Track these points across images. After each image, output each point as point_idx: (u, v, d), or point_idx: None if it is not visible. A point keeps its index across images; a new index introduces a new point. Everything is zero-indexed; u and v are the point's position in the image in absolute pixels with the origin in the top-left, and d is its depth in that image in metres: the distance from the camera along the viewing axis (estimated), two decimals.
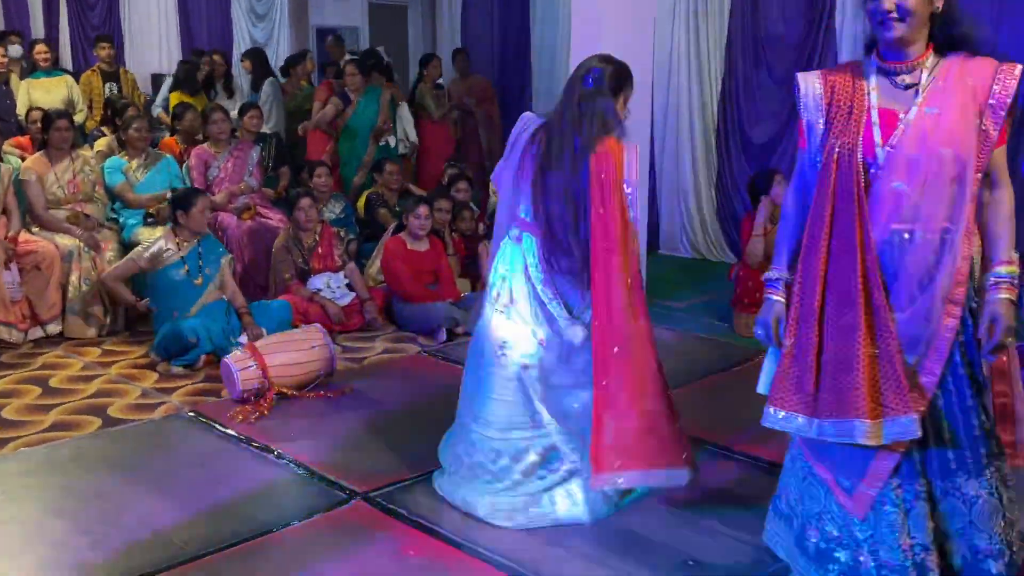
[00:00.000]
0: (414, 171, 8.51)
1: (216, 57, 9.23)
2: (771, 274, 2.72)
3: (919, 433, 2.47)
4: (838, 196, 2.51)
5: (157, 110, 8.86)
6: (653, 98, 6.87)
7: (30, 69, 8.49)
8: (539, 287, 3.39)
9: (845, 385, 2.48)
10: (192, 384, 4.94)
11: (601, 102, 3.28)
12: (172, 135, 7.41)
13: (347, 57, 9.28)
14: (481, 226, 6.93)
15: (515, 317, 3.42)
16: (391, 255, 6.06)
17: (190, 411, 4.49)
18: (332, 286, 5.94)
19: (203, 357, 5.09)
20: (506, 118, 9.06)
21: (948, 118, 2.45)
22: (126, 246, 6.09)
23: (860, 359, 2.47)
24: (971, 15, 2.56)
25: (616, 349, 3.24)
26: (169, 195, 5.87)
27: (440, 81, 9.07)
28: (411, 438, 4.14)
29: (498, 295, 3.47)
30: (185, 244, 5.38)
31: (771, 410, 2.60)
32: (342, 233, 6.25)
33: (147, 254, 5.34)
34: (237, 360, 4.56)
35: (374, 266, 6.45)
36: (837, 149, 2.53)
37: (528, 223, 3.41)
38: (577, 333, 3.37)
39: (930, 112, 2.47)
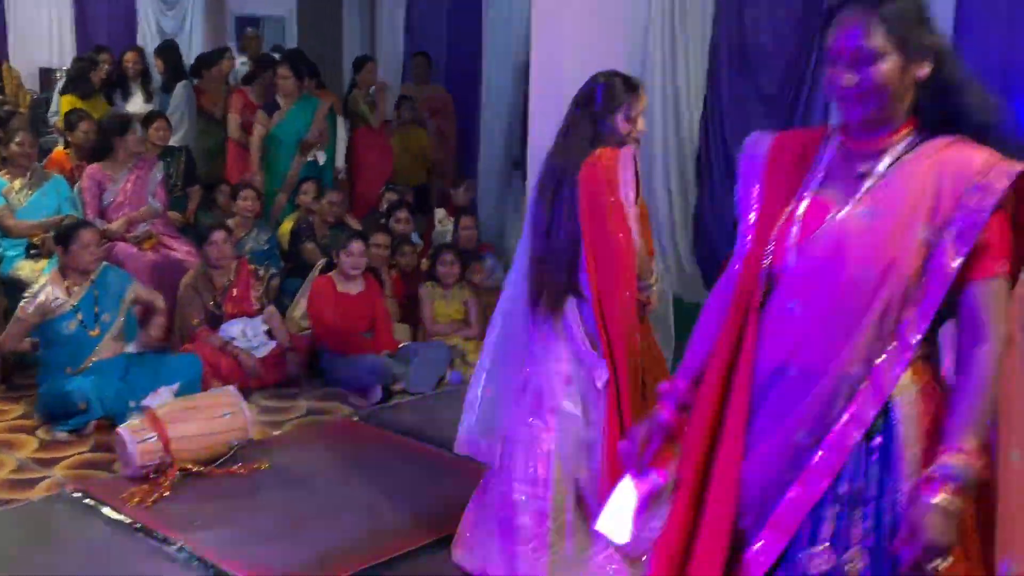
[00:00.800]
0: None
1: (130, 54, 9.05)
2: (665, 386, 2.37)
3: None
4: (736, 307, 2.18)
5: (54, 117, 8.68)
6: None
7: None
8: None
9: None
10: (79, 454, 4.81)
11: (590, 118, 3.46)
12: (66, 147, 7.27)
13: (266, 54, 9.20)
14: (424, 261, 6.88)
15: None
16: (319, 298, 5.98)
17: (76, 491, 4.36)
18: (248, 334, 5.85)
19: (93, 423, 4.97)
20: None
21: (882, 226, 2.01)
22: (3, 282, 5.94)
23: (670, 527, 2.17)
24: (978, 83, 2.10)
25: None
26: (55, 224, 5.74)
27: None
28: (339, 526, 4.07)
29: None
30: (76, 288, 5.25)
31: None
32: (261, 271, 6.15)
33: (31, 308, 5.18)
34: (134, 431, 4.45)
35: (298, 310, 6.36)
36: (749, 244, 2.19)
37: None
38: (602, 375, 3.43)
39: (861, 215, 2.04)
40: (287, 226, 7.29)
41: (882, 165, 2.06)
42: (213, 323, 5.86)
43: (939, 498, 1.91)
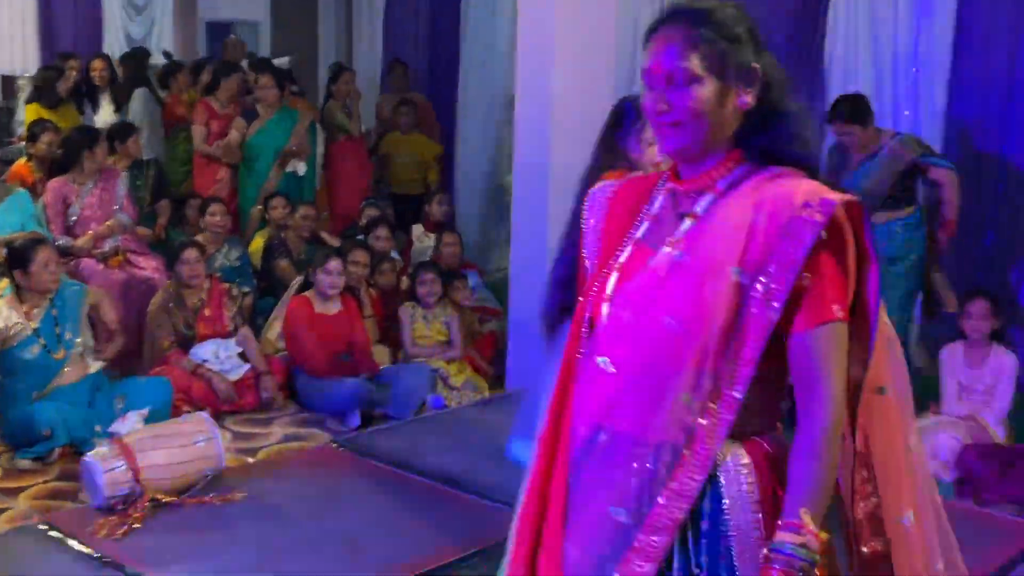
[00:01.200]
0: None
1: (97, 62, 9.04)
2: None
3: None
4: (564, 366, 2.04)
5: (20, 128, 8.66)
6: None
7: None
8: None
9: None
10: (44, 483, 4.80)
11: (610, 140, 3.49)
12: (28, 159, 7.25)
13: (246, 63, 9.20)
14: (405, 280, 6.89)
15: None
16: (295, 320, 5.99)
17: (41, 523, 4.34)
18: (221, 356, 5.85)
19: (58, 450, 4.96)
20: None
21: (694, 271, 1.86)
22: None
23: None
24: (806, 112, 2.01)
25: None
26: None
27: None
28: (318, 560, 4.06)
29: None
30: (36, 311, 5.24)
31: None
32: (234, 290, 6.16)
33: None
34: (102, 459, 4.43)
35: (273, 331, 6.37)
36: (582, 298, 2.06)
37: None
38: None
39: (674, 259, 1.90)
40: (258, 243, 7.30)
41: (702, 204, 1.92)
42: (184, 345, 5.86)
43: None
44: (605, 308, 1.95)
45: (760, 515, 1.86)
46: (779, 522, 1.80)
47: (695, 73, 1.85)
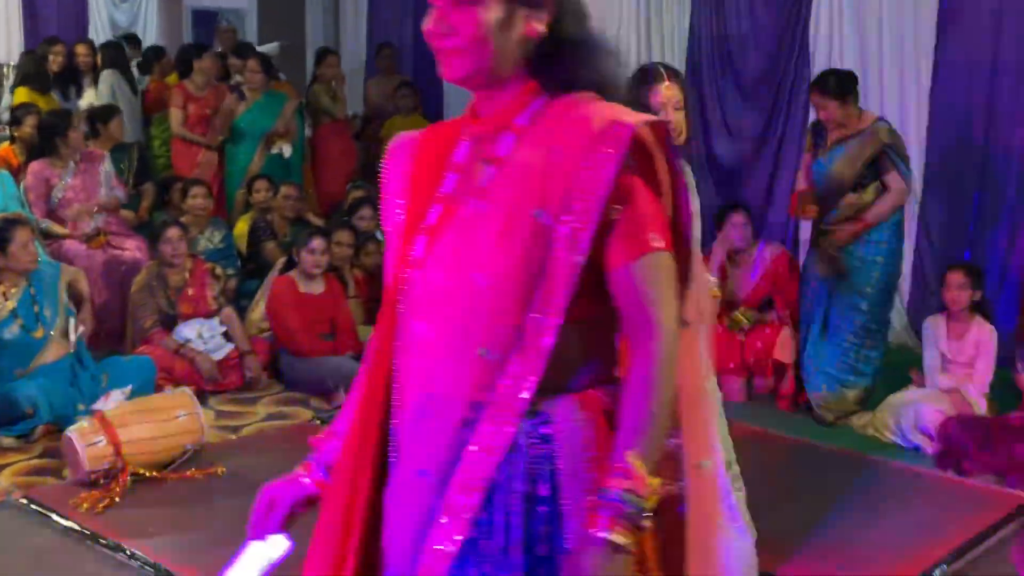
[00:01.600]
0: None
1: (81, 47, 9.03)
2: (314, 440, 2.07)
3: None
4: (380, 334, 1.91)
5: (5, 113, 8.64)
6: None
7: None
8: None
9: None
10: (26, 460, 4.81)
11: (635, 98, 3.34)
12: (11, 143, 7.25)
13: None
14: None
15: None
16: (279, 299, 6.00)
17: (22, 497, 4.35)
18: (204, 336, 5.85)
19: (41, 427, 4.96)
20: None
21: (495, 219, 1.72)
22: None
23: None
24: (602, 41, 1.84)
25: None
26: None
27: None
28: (297, 532, 4.06)
29: None
30: (13, 291, 5.25)
31: None
32: (218, 270, 6.17)
33: None
34: (82, 434, 4.44)
35: (257, 311, 6.37)
36: (392, 261, 1.91)
37: None
38: None
39: (477, 210, 1.75)
40: (242, 226, 7.31)
41: (501, 146, 1.77)
42: (167, 324, 5.86)
43: (604, 534, 1.61)
44: (418, 273, 1.79)
45: (589, 472, 1.71)
46: (607, 468, 1.65)
47: None
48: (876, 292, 5.54)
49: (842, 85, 5.55)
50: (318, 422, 5.37)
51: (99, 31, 11.02)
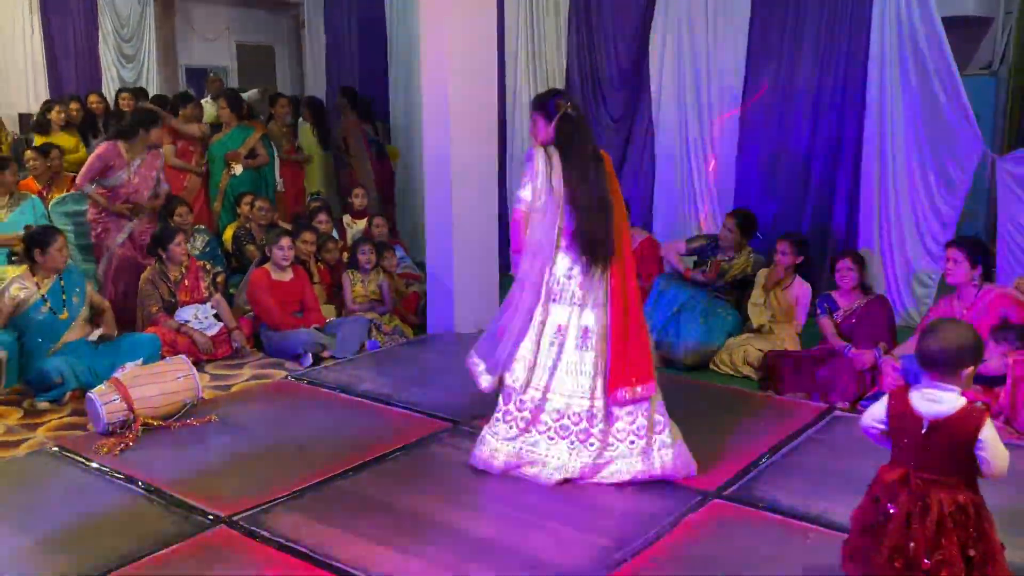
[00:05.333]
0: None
1: (93, 96, 8.79)
2: None
3: None
4: None
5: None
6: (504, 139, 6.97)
7: None
8: None
9: None
10: (58, 419, 4.69)
11: None
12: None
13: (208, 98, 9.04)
14: (345, 255, 6.85)
15: None
16: (255, 286, 5.93)
17: (55, 446, 4.26)
18: (200, 316, 5.75)
19: (69, 393, 4.85)
20: None
21: None
22: None
23: None
24: None
25: None
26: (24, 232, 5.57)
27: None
28: (276, 460, 4.05)
29: None
30: (46, 281, 5.12)
31: None
32: (207, 266, 6.06)
33: (5, 297, 5.04)
34: (101, 394, 4.36)
35: (242, 296, 6.27)
36: None
37: None
38: None
39: None
40: (228, 233, 7.22)
41: None
42: (169, 310, 5.75)
43: None
44: None
45: None
46: None
47: None
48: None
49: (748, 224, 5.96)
50: (291, 378, 5.33)
51: (110, 86, 10.75)
